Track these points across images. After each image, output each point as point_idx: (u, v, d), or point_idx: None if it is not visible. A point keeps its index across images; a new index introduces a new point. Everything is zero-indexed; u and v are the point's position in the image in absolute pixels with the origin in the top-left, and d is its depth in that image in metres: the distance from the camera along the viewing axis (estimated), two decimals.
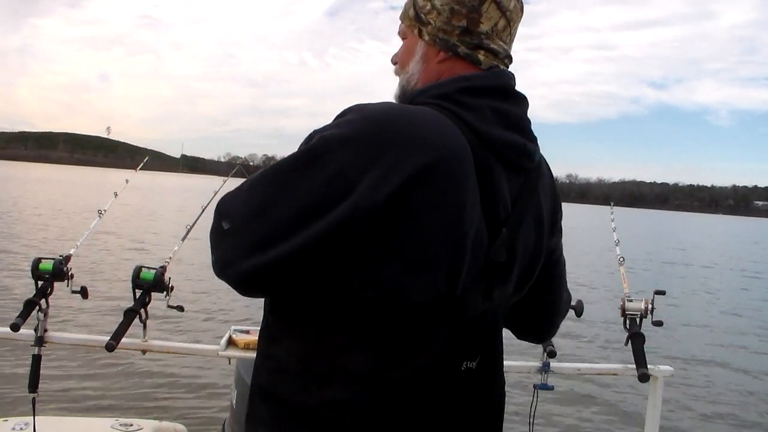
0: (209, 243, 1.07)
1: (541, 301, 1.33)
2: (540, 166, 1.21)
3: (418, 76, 1.17)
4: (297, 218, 0.98)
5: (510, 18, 1.15)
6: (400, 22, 1.22)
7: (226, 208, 1.07)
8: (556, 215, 1.29)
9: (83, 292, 2.31)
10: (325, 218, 0.96)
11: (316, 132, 1.03)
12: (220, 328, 6.07)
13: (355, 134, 0.99)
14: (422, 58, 1.17)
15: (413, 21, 1.17)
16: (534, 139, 1.16)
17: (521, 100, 1.16)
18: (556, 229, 1.30)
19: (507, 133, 1.10)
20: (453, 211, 1.00)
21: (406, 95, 1.17)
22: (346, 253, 0.99)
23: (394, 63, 1.23)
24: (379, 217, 0.97)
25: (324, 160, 0.98)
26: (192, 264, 10.29)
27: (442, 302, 1.03)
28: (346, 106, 1.16)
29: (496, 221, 1.08)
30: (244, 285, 1.05)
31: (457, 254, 1.02)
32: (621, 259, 2.80)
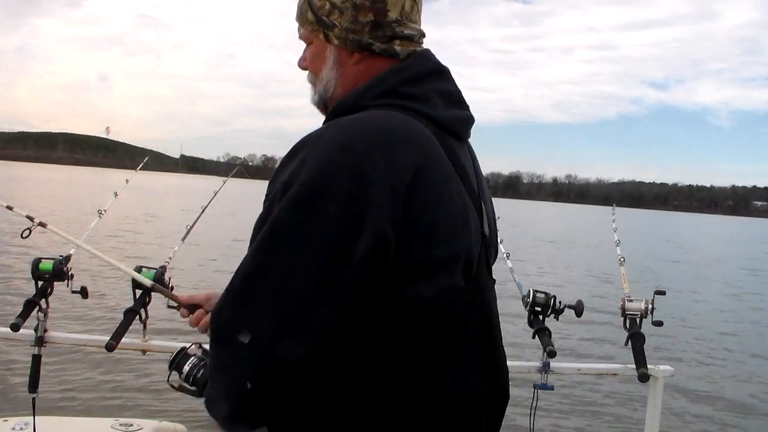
0: (225, 383, 0.94)
1: None
2: None
3: (335, 83, 1.11)
4: (325, 275, 0.91)
5: None
6: (297, 24, 1.14)
7: (231, 324, 0.92)
8: None
9: (83, 292, 2.31)
10: (353, 259, 0.90)
11: (287, 182, 0.93)
12: None
13: (334, 166, 0.92)
14: (335, 63, 1.10)
15: (315, 25, 1.09)
16: (469, 108, 1.15)
17: (449, 74, 1.13)
18: None
19: (454, 111, 1.10)
20: (449, 204, 1.00)
21: (333, 103, 1.11)
22: (375, 278, 0.95)
23: (304, 68, 1.16)
24: (399, 233, 0.93)
25: (320, 205, 0.90)
26: (192, 264, 10.28)
27: (464, 297, 1.04)
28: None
29: (473, 198, 1.09)
30: (301, 372, 0.94)
31: (467, 245, 1.03)
32: (621, 260, 2.80)
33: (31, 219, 2.14)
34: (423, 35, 1.13)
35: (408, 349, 0.99)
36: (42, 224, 2.13)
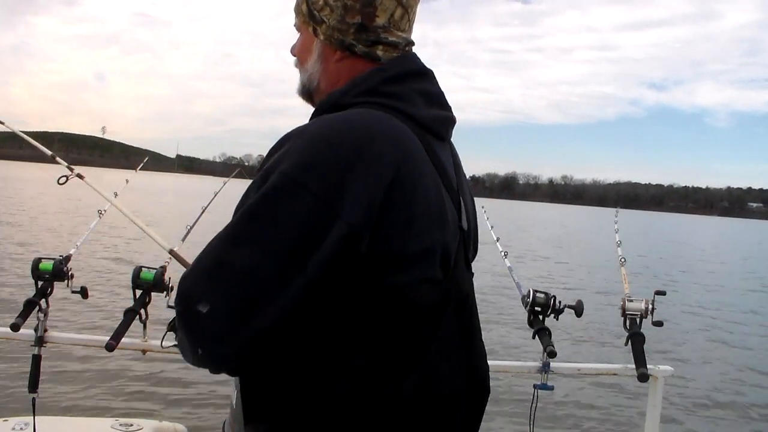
0: (184, 340, 0.98)
1: None
2: None
3: (318, 76, 1.15)
4: (290, 262, 0.92)
5: (407, 4, 1.12)
6: (294, 14, 1.18)
7: (193, 292, 0.95)
8: None
9: (83, 292, 2.30)
10: (320, 252, 0.92)
11: (267, 170, 0.97)
12: None
13: (314, 159, 0.95)
14: (320, 57, 1.14)
15: (306, 17, 1.14)
16: (451, 109, 1.18)
17: (433, 77, 1.17)
18: None
19: (434, 111, 1.13)
20: (427, 199, 1.02)
21: (316, 96, 1.16)
22: (349, 269, 0.96)
23: (294, 56, 1.20)
24: (373, 226, 0.95)
25: (295, 194, 0.93)
26: None
27: (441, 289, 1.04)
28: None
29: (452, 193, 1.11)
30: (250, 356, 0.96)
31: (444, 239, 1.04)
32: (622, 260, 2.81)
33: (70, 169, 2.34)
34: (410, 44, 1.15)
35: (382, 339, 1.00)
36: (80, 176, 2.33)
